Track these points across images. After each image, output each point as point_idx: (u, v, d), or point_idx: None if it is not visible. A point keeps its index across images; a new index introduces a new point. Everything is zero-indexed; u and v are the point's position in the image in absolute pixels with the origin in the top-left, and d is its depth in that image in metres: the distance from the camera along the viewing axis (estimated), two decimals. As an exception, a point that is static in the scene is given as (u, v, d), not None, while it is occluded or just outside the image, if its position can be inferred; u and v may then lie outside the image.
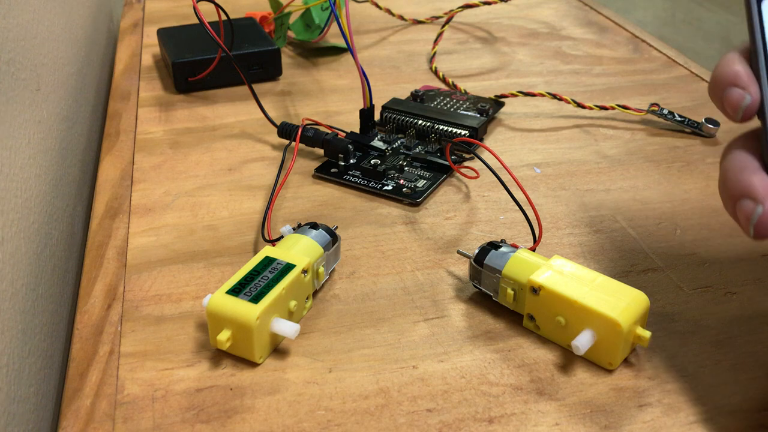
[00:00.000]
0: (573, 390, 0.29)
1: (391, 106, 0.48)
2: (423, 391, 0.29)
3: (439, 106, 0.49)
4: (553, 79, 0.55)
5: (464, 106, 0.49)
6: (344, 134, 0.45)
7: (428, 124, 0.46)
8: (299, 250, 0.32)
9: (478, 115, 0.47)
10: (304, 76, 0.56)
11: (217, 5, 0.48)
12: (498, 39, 0.63)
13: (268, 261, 0.31)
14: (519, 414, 0.28)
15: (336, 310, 0.33)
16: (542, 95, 0.49)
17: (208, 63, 0.51)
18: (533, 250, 0.33)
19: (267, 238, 0.36)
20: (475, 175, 0.41)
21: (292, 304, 0.31)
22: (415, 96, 0.50)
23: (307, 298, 0.32)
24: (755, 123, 0.27)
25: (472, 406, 0.28)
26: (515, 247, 0.33)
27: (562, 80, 0.55)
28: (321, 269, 0.33)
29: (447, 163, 0.42)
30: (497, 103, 0.49)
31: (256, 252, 0.37)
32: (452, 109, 0.48)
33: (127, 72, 0.57)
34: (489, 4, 0.58)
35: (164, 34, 0.57)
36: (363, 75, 0.42)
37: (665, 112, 0.47)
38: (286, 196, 0.41)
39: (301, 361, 0.30)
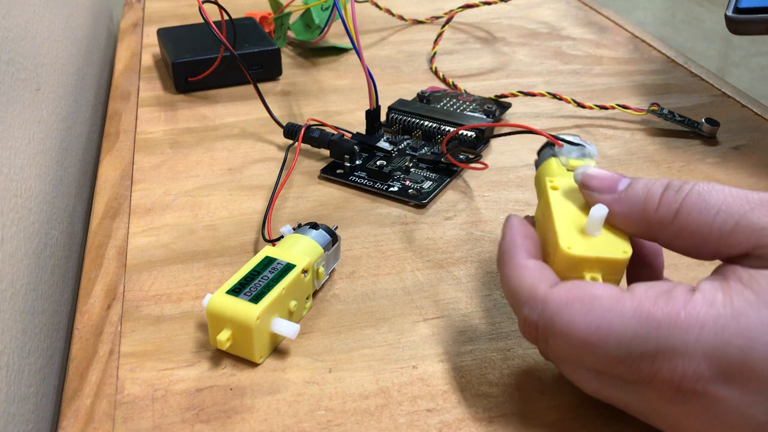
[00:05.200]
0: (573, 390, 0.29)
1: (397, 107, 0.47)
2: (423, 391, 0.29)
3: (445, 108, 0.48)
4: (553, 79, 0.55)
5: (471, 107, 0.49)
6: (350, 135, 0.45)
7: (434, 125, 0.46)
8: (299, 250, 0.32)
9: (485, 117, 0.47)
10: (304, 76, 0.56)
11: (220, 6, 0.48)
12: (498, 39, 0.63)
13: (268, 261, 0.31)
14: (519, 414, 0.28)
15: (336, 310, 0.33)
16: (542, 95, 0.49)
17: (208, 63, 0.51)
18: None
19: (267, 238, 0.36)
20: (483, 167, 0.40)
21: (292, 304, 0.31)
22: (421, 97, 0.50)
23: (307, 298, 0.32)
24: None
25: (472, 406, 0.28)
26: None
27: (562, 80, 0.55)
28: (321, 269, 0.33)
29: (453, 163, 0.41)
30: (503, 105, 0.49)
31: (256, 252, 0.37)
32: (458, 111, 0.48)
33: (127, 72, 0.57)
34: (489, 4, 0.58)
35: (164, 34, 0.57)
36: (369, 76, 0.42)
37: (665, 112, 0.47)
38: (290, 196, 0.41)
39: (301, 361, 0.30)
